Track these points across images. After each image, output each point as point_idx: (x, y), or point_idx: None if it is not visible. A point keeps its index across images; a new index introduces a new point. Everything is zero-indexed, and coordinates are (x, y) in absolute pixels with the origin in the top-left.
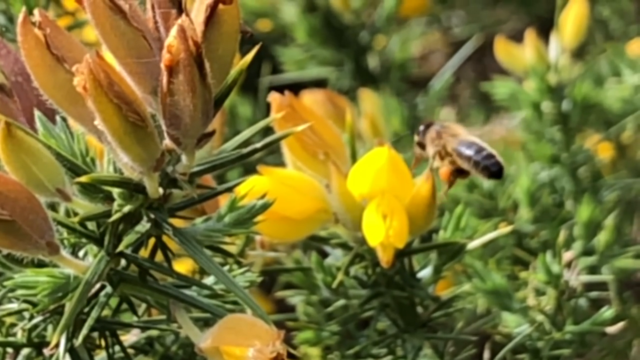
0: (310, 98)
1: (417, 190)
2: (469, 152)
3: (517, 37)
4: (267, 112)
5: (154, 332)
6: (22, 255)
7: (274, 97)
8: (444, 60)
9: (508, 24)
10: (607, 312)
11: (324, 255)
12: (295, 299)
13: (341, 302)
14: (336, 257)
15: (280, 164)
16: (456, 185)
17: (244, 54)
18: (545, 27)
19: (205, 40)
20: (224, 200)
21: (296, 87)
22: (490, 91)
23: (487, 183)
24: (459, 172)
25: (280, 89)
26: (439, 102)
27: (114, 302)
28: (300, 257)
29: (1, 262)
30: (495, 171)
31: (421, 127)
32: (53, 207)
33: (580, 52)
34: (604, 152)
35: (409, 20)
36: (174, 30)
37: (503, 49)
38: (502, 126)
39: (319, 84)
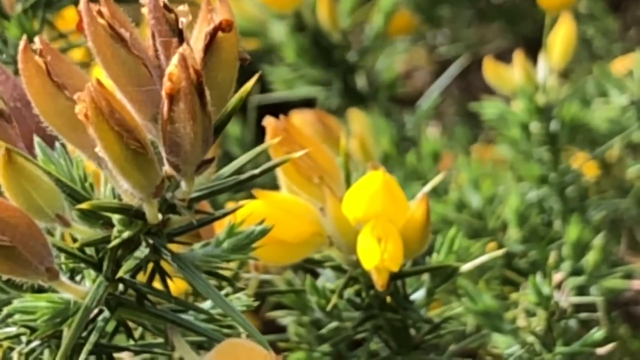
0: (300, 118)
1: (411, 214)
2: None
3: (502, 56)
4: (256, 131)
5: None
6: (22, 280)
7: (269, 122)
8: (428, 77)
9: (493, 43)
10: (597, 333)
11: (314, 274)
12: (286, 319)
13: (334, 324)
14: (327, 278)
15: (270, 182)
16: (445, 204)
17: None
18: (531, 47)
19: (205, 68)
20: (217, 224)
21: (284, 106)
22: (479, 111)
23: (475, 203)
24: None
25: (268, 108)
26: (426, 120)
27: (110, 325)
28: (291, 277)
29: (1, 287)
30: None
31: None
32: (50, 231)
33: (565, 72)
34: (589, 171)
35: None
36: (175, 59)
37: (491, 69)
38: None
39: (308, 103)
